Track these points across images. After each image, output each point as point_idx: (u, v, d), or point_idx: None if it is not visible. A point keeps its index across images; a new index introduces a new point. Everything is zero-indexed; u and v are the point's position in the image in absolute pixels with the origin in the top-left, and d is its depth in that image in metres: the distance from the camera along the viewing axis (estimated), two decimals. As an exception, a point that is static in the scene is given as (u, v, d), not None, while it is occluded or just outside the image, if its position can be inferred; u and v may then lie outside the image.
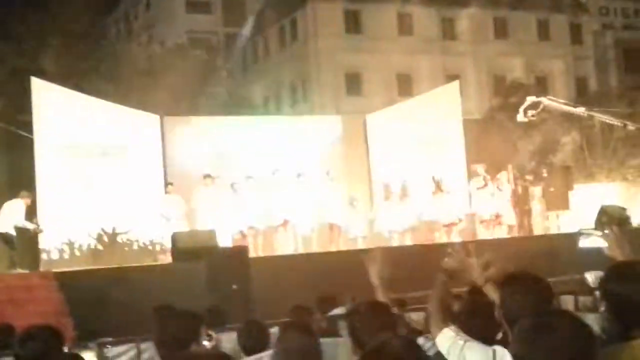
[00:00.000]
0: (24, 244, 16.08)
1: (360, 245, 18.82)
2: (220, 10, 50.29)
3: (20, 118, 21.11)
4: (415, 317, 8.21)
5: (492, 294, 4.14)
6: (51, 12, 27.71)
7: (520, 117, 23.01)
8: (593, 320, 5.11)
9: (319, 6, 39.80)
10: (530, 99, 23.08)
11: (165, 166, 20.64)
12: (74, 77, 24.15)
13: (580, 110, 24.32)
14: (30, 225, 15.78)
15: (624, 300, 3.44)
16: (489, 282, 4.20)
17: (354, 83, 39.97)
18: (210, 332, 4.97)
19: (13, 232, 15.60)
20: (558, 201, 21.93)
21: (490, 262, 4.25)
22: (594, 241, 4.89)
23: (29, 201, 15.93)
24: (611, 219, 17.54)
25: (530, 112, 22.64)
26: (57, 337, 4.09)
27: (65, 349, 4.38)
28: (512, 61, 42.27)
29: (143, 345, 7.13)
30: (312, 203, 19.17)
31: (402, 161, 21.53)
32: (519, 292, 3.75)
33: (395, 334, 3.82)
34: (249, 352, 5.42)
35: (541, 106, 23.08)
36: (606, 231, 4.64)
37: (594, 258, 4.97)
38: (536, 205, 21.91)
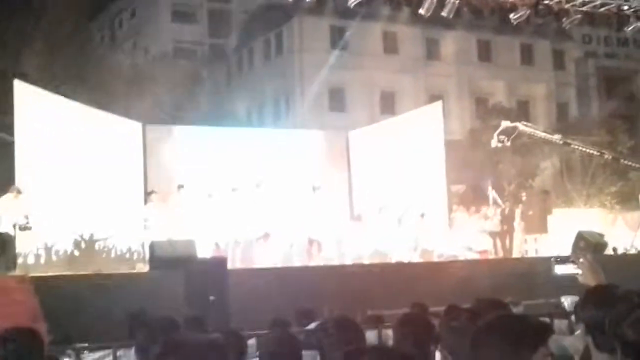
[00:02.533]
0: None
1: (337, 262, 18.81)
2: (206, 21, 50.31)
3: (1, 120, 20.97)
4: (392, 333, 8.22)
5: None
6: (35, 15, 27.57)
7: (494, 143, 23.19)
8: (568, 343, 5.17)
9: (305, 21, 39.87)
10: (505, 124, 23.23)
11: (145, 174, 20.57)
12: (56, 81, 24.03)
13: (556, 138, 24.55)
14: (21, 221, 15.13)
15: (599, 323, 3.57)
16: None
17: (337, 99, 40.07)
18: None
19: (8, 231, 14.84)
20: (536, 225, 22.02)
21: None
22: (569, 269, 4.94)
23: (18, 196, 15.49)
24: (588, 244, 17.63)
25: (502, 137, 22.82)
26: (38, 340, 4.07)
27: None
28: (494, 84, 42.57)
29: (119, 352, 7.07)
30: (294, 217, 19.21)
31: (383, 181, 21.62)
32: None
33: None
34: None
35: (516, 132, 23.26)
36: (580, 260, 4.71)
37: (570, 283, 5.04)
38: (517, 227, 21.94)
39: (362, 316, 10.85)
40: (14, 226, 14.96)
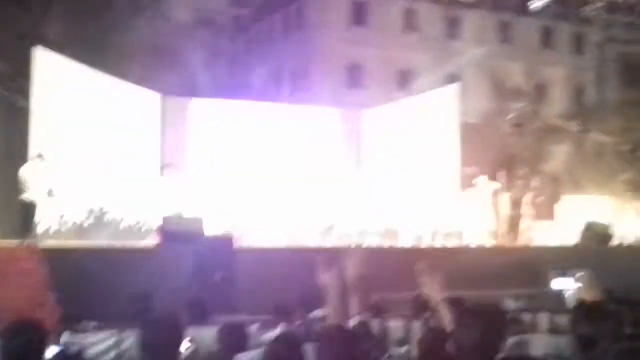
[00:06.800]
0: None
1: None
2: (227, -10, 50.07)
3: (18, 84, 21.01)
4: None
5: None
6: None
7: (506, 128, 23.13)
8: (565, 344, 5.23)
9: (327, -5, 39.71)
10: (519, 108, 23.20)
11: (162, 147, 20.78)
12: (75, 46, 23.99)
13: (574, 126, 24.49)
14: (52, 187, 14.95)
15: (591, 340, 3.67)
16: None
17: (354, 75, 39.92)
18: (191, 339, 5.06)
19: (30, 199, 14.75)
20: (544, 212, 22.00)
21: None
22: (567, 283, 5.06)
23: (42, 162, 15.15)
24: (595, 235, 17.75)
25: (515, 122, 22.81)
26: (42, 333, 4.14)
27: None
28: (512, 66, 42.24)
29: (124, 334, 7.23)
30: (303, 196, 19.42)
31: (394, 161, 21.71)
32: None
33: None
34: (227, 352, 5.54)
35: (529, 117, 23.22)
36: (581, 273, 4.83)
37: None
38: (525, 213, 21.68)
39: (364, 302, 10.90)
40: (46, 192, 14.86)
